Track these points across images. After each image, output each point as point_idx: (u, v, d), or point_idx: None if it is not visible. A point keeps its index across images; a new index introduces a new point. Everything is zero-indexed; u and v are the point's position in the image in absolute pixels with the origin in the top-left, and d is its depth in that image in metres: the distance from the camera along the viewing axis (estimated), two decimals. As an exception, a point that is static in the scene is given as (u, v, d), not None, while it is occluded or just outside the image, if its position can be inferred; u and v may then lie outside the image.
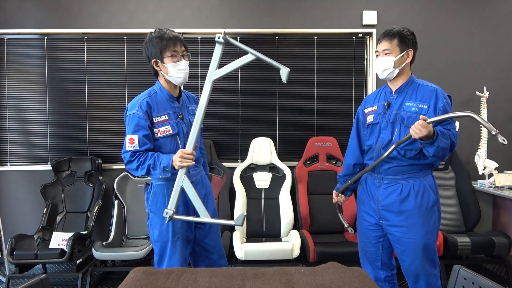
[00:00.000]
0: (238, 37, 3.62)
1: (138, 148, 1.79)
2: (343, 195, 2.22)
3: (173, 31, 1.90)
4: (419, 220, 1.86)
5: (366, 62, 3.67)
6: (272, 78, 3.65)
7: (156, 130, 1.86)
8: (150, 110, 1.85)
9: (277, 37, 3.63)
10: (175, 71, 1.86)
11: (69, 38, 3.58)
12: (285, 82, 1.74)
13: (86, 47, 3.58)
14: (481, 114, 3.39)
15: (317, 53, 3.65)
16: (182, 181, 1.74)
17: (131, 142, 1.79)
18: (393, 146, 1.82)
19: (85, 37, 3.58)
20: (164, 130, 1.86)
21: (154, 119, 1.86)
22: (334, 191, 2.23)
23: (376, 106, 2.00)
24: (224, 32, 1.79)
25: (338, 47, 3.67)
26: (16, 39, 3.57)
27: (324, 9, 3.61)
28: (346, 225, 2.26)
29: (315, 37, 3.63)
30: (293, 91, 3.64)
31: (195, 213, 1.93)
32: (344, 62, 3.67)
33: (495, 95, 3.56)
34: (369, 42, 3.66)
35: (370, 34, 3.64)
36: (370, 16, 3.58)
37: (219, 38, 1.74)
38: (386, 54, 1.88)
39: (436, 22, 3.64)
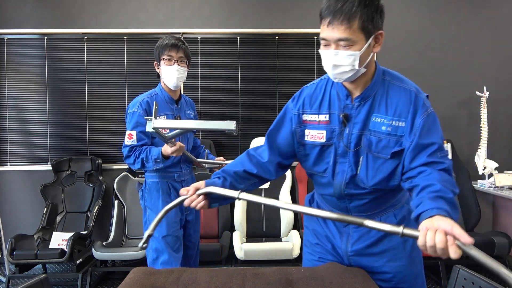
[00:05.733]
0: (238, 37, 3.62)
1: (135, 143, 1.93)
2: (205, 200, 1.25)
3: (177, 38, 2.04)
4: (407, 261, 1.30)
5: (366, 62, 3.66)
6: (272, 78, 3.65)
7: None
8: (150, 109, 1.97)
9: (277, 37, 3.63)
10: (166, 73, 2.00)
11: (69, 38, 3.57)
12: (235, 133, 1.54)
13: (86, 47, 3.58)
14: (481, 114, 3.39)
15: (317, 53, 3.65)
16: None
17: (130, 137, 1.93)
18: (387, 229, 0.96)
19: (85, 37, 3.57)
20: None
21: None
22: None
23: (328, 116, 1.25)
24: None
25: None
26: (16, 39, 3.57)
27: (324, 9, 3.60)
28: None
29: (315, 37, 3.63)
30: (293, 91, 3.63)
31: (184, 211, 2.11)
32: (344, 62, 3.67)
33: (495, 95, 3.55)
34: (369, 42, 3.66)
35: (370, 34, 3.63)
36: (370, 16, 3.57)
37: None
38: (344, 46, 1.09)
39: (436, 22, 3.64)
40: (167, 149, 1.85)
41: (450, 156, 1.09)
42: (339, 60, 1.10)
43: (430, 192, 1.02)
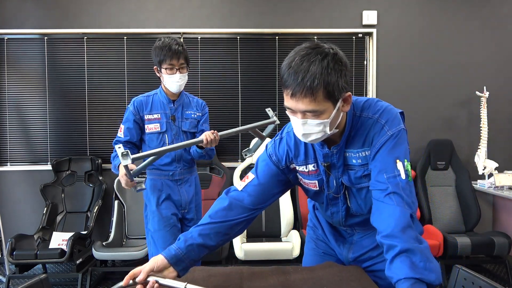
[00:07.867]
0: (238, 37, 3.62)
1: (122, 137, 2.10)
2: None
3: (177, 42, 2.05)
4: None
5: (366, 62, 3.66)
6: (272, 78, 3.65)
7: (146, 126, 2.13)
8: (142, 108, 2.12)
9: (277, 37, 3.63)
10: (169, 82, 2.08)
11: (69, 38, 3.58)
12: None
13: (86, 47, 3.58)
14: (481, 114, 3.39)
15: (317, 53, 3.65)
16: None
17: (120, 130, 2.12)
18: None
19: (85, 37, 3.58)
20: (152, 127, 2.11)
21: (145, 116, 2.12)
22: None
23: (316, 165, 1.23)
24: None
25: (338, 47, 3.66)
26: (16, 39, 3.57)
27: (324, 9, 3.61)
28: None
29: (315, 37, 3.63)
30: (293, 91, 3.64)
31: (181, 208, 2.19)
32: (344, 62, 3.67)
33: (495, 95, 3.55)
34: (369, 42, 3.66)
35: (370, 34, 3.63)
36: (370, 16, 3.58)
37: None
38: (312, 116, 1.05)
39: (436, 22, 3.63)
40: (122, 170, 1.85)
41: (403, 176, 1.06)
42: (308, 129, 1.07)
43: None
